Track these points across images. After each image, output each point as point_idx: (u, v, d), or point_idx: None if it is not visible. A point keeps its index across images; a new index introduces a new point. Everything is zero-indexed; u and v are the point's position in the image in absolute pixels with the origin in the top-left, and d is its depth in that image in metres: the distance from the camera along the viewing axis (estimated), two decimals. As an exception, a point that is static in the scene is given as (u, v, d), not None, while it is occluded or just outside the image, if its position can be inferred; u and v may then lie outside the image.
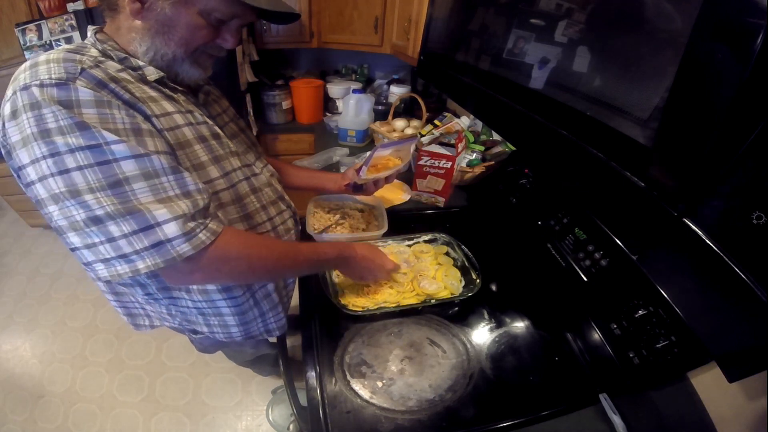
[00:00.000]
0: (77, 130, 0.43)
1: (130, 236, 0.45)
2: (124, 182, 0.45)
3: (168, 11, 0.51)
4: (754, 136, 0.28)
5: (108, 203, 0.44)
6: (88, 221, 0.44)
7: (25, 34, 1.65)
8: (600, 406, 0.63)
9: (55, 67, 0.44)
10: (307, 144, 2.08)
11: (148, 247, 0.46)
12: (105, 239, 0.45)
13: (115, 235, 0.45)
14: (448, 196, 1.17)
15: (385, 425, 0.60)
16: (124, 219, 0.45)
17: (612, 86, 0.42)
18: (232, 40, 0.58)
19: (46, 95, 0.43)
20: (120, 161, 0.45)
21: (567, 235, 0.79)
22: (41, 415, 1.40)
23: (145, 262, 0.46)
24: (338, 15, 1.82)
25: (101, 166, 0.44)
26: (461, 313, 0.81)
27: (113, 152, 0.44)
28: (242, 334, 0.77)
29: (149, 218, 0.46)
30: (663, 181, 0.36)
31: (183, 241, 0.47)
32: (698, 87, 0.31)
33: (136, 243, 0.46)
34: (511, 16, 0.61)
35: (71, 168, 0.43)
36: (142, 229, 0.45)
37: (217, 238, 0.51)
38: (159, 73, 0.55)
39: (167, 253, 0.47)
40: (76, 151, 0.43)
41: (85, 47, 0.51)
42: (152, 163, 0.47)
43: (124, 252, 0.46)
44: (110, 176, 0.44)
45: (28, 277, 2.04)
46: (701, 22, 0.30)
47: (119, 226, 0.45)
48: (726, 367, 0.36)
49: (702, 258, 0.34)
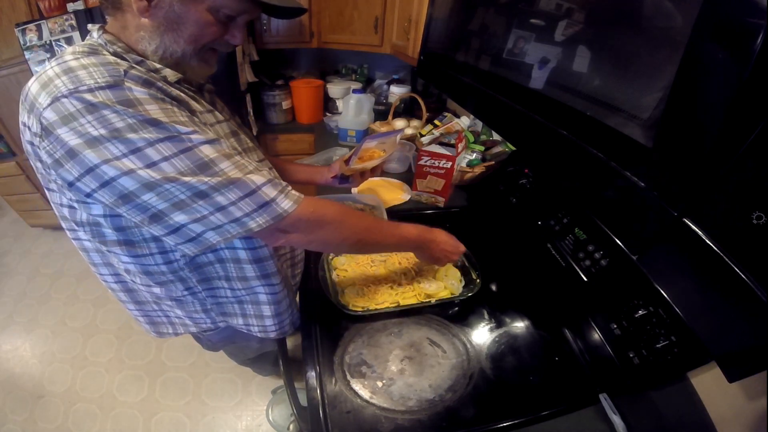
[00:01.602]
0: (150, 126, 0.45)
1: (238, 202, 0.49)
2: (211, 163, 0.48)
3: (177, 8, 0.51)
4: (754, 136, 0.28)
5: (208, 180, 0.48)
6: (194, 197, 0.47)
7: (25, 34, 1.65)
8: (600, 406, 0.63)
9: (96, 72, 0.45)
10: (307, 144, 2.08)
11: (257, 209, 0.51)
12: (215, 209, 0.49)
13: (224, 203, 0.49)
14: (448, 196, 1.17)
15: (385, 425, 0.60)
16: (228, 189, 0.49)
17: (612, 86, 0.42)
18: (239, 36, 0.58)
19: (103, 98, 0.43)
20: (199, 146, 0.48)
21: (567, 235, 0.79)
22: (41, 415, 1.40)
23: (257, 222, 0.51)
24: (338, 15, 1.82)
25: (185, 153, 0.47)
26: (461, 313, 0.81)
27: (191, 140, 0.47)
28: (276, 328, 0.78)
29: (250, 184, 0.50)
30: (663, 181, 0.36)
31: (283, 198, 0.53)
32: (698, 87, 0.31)
33: (246, 207, 0.50)
34: (511, 16, 0.61)
35: (158, 160, 0.45)
36: (247, 195, 0.50)
37: (314, 202, 0.57)
38: (176, 75, 0.55)
39: (274, 211, 0.52)
40: (156, 144, 0.45)
41: (98, 50, 0.50)
42: (223, 146, 0.51)
43: (236, 216, 0.50)
44: (197, 160, 0.47)
45: (28, 277, 2.04)
46: (701, 22, 0.30)
47: (225, 196, 0.49)
48: (726, 367, 0.36)
49: (702, 258, 0.34)
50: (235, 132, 0.67)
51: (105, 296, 1.85)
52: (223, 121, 0.64)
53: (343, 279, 0.84)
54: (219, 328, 0.80)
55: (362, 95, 1.65)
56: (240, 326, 0.78)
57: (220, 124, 0.62)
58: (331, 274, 0.85)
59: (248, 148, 0.70)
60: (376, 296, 0.80)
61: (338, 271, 0.87)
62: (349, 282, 0.83)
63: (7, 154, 2.01)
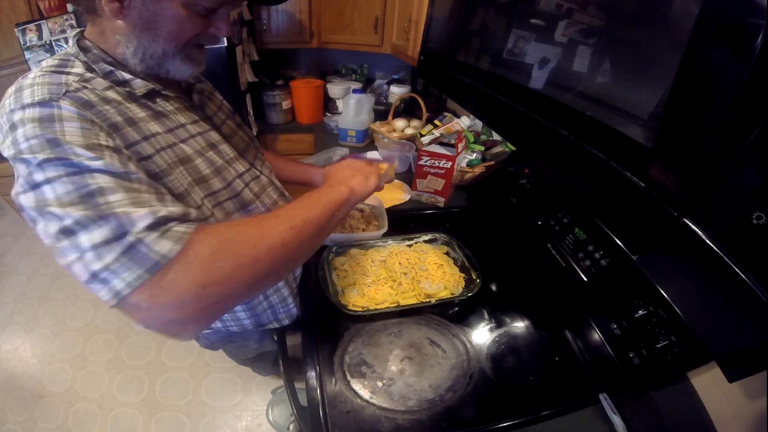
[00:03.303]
0: (48, 146, 0.40)
1: (101, 247, 0.37)
2: (97, 193, 0.39)
3: (150, 6, 0.48)
4: (754, 136, 0.28)
5: (77, 212, 0.38)
6: (59, 234, 0.38)
7: (25, 34, 1.65)
8: (600, 406, 0.63)
9: (38, 90, 0.43)
10: (307, 144, 2.07)
11: (119, 256, 0.37)
12: (79, 253, 0.38)
13: (85, 246, 0.38)
14: (448, 196, 1.17)
15: (385, 425, 0.60)
16: (95, 226, 0.38)
17: (612, 86, 0.42)
18: (225, 28, 0.55)
19: (27, 116, 0.41)
20: (94, 173, 0.40)
21: (567, 235, 0.79)
22: (41, 415, 1.40)
23: (123, 279, 0.37)
24: (338, 15, 1.82)
25: (72, 177, 0.39)
26: (461, 313, 0.81)
27: (87, 166, 0.40)
28: (253, 324, 0.78)
29: (123, 221, 0.38)
30: (663, 181, 0.36)
31: (158, 239, 0.39)
32: (698, 87, 0.31)
33: (108, 255, 0.37)
34: (511, 16, 0.61)
35: (41, 181, 0.39)
36: (114, 238, 0.38)
37: (192, 235, 0.41)
38: (147, 86, 0.53)
39: (144, 258, 0.38)
40: (44, 164, 0.39)
41: (70, 61, 0.50)
42: (132, 179, 0.42)
43: (93, 269, 0.38)
44: (82, 187, 0.39)
45: (28, 277, 2.04)
46: (701, 22, 0.30)
47: (90, 235, 0.38)
48: (726, 367, 0.36)
49: (702, 258, 0.34)
50: (214, 145, 0.61)
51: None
52: (206, 131, 0.60)
53: (343, 279, 0.84)
54: (212, 329, 0.80)
55: (362, 95, 1.65)
56: (218, 327, 0.78)
57: (195, 137, 0.58)
58: (331, 274, 0.85)
59: (231, 158, 0.64)
60: (376, 296, 0.80)
61: (338, 271, 0.87)
62: (349, 282, 0.83)
63: (7, 154, 2.01)
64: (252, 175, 0.68)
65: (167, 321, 0.40)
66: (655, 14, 0.37)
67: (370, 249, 0.94)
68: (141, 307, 0.38)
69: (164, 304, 0.39)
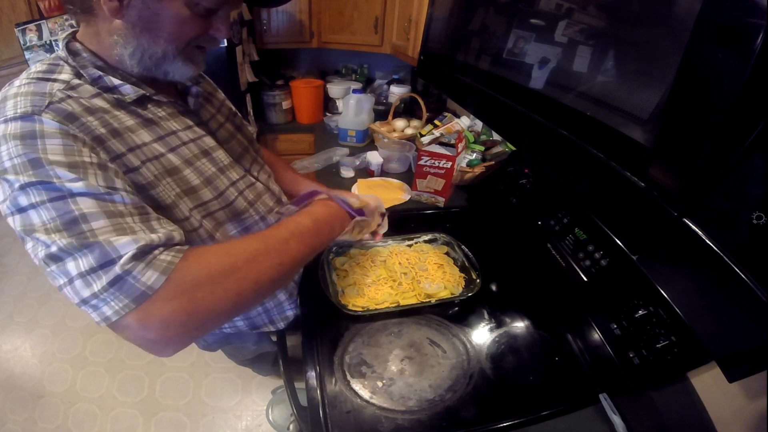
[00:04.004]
0: (30, 167, 0.40)
1: (88, 275, 0.38)
2: (81, 219, 0.39)
3: (151, 6, 0.47)
4: (754, 136, 0.28)
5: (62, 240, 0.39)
6: (47, 259, 0.39)
7: (25, 34, 1.65)
8: (600, 406, 0.63)
9: (21, 101, 0.43)
10: (307, 144, 2.08)
11: (107, 286, 0.38)
12: (67, 280, 0.39)
13: (73, 274, 0.39)
14: (448, 196, 1.17)
15: (385, 425, 0.60)
16: (81, 254, 0.39)
17: (612, 86, 0.42)
18: (224, 29, 0.54)
19: (9, 131, 0.41)
20: (77, 197, 0.40)
21: (567, 235, 0.79)
22: (41, 415, 1.40)
23: (112, 307, 0.39)
24: (338, 15, 1.82)
25: (54, 203, 0.39)
26: (461, 313, 0.81)
27: (69, 189, 0.40)
28: (248, 326, 0.79)
29: (108, 250, 0.39)
30: (663, 181, 0.36)
31: (144, 269, 0.39)
32: (699, 87, 0.31)
33: (95, 282, 0.38)
34: (511, 16, 0.61)
35: (26, 206, 0.39)
36: (101, 265, 0.38)
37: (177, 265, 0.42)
38: (137, 92, 0.52)
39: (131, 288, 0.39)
40: (28, 188, 0.39)
41: (58, 66, 0.49)
42: (116, 200, 0.42)
43: (83, 296, 0.39)
44: (65, 213, 0.39)
45: (28, 277, 2.04)
46: (702, 22, 0.30)
47: (77, 262, 0.39)
48: (726, 368, 0.36)
49: (702, 258, 0.34)
50: (207, 152, 0.60)
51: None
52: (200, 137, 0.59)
53: (343, 279, 0.84)
54: None
55: (362, 95, 1.65)
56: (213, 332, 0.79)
57: (187, 145, 0.56)
58: (331, 274, 0.85)
59: (225, 165, 0.62)
60: (376, 296, 0.80)
61: (338, 272, 0.87)
62: (349, 282, 0.83)
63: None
64: (247, 183, 0.66)
65: (152, 341, 0.43)
66: (655, 14, 0.37)
67: (370, 249, 0.94)
68: (128, 329, 0.41)
69: (150, 327, 0.41)
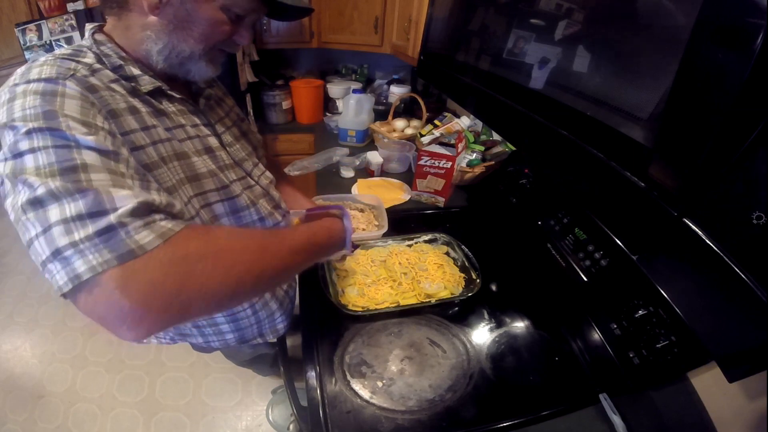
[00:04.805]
0: (42, 118, 0.38)
1: (72, 222, 0.34)
2: (81, 168, 0.37)
3: (188, 6, 0.49)
4: (754, 136, 0.28)
5: (54, 183, 0.35)
6: (27, 205, 0.35)
7: (25, 34, 1.65)
8: (600, 406, 0.63)
9: (47, 69, 0.43)
10: (307, 144, 2.08)
11: (93, 235, 0.34)
12: (42, 229, 0.34)
13: (53, 221, 0.34)
14: (448, 196, 1.17)
15: (385, 425, 0.60)
16: (71, 199, 0.35)
17: (612, 86, 0.42)
18: (247, 36, 0.57)
19: (30, 89, 0.41)
20: (82, 148, 0.38)
21: (567, 235, 0.79)
22: (41, 415, 1.40)
23: (87, 259, 0.33)
24: (338, 15, 1.82)
25: (57, 149, 0.37)
26: (461, 313, 0.81)
27: (76, 139, 0.38)
28: (236, 340, 0.76)
29: (104, 199, 0.35)
30: (663, 181, 0.36)
31: (142, 229, 0.35)
32: (698, 87, 0.31)
33: (78, 230, 0.34)
34: (511, 16, 0.61)
35: (24, 150, 0.37)
36: (90, 214, 0.34)
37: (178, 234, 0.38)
38: (154, 83, 0.53)
39: (120, 244, 0.34)
40: (33, 133, 0.37)
41: (82, 51, 0.49)
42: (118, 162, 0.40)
43: (57, 245, 0.34)
44: (66, 161, 0.36)
45: (28, 277, 2.04)
46: (701, 22, 0.30)
47: (62, 208, 0.34)
48: (726, 368, 0.36)
49: (702, 258, 0.34)
50: (211, 149, 0.60)
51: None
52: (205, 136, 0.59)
53: (343, 279, 0.84)
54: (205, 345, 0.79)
55: (362, 95, 1.65)
56: (200, 343, 0.76)
57: (192, 139, 0.57)
58: (331, 274, 0.85)
59: (226, 165, 0.62)
60: (376, 296, 0.80)
61: (338, 272, 0.87)
62: (349, 282, 0.83)
63: (7, 154, 2.02)
64: (246, 184, 0.66)
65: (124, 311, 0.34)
66: (655, 14, 0.37)
67: (370, 249, 0.94)
68: (97, 290, 0.34)
69: (131, 289, 0.34)
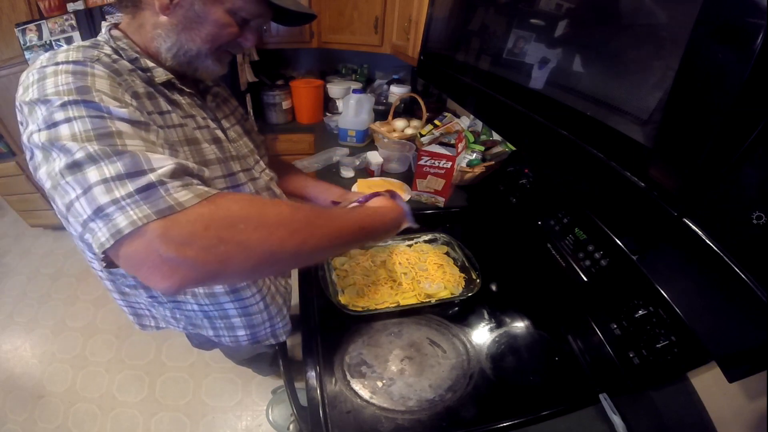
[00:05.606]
0: (75, 92, 0.40)
1: (112, 181, 0.35)
2: (116, 135, 0.38)
3: (197, 8, 0.52)
4: (754, 136, 0.28)
5: (92, 147, 0.37)
6: (66, 170, 0.36)
7: (25, 34, 1.65)
8: (600, 406, 0.63)
9: (74, 54, 0.45)
10: (307, 144, 2.07)
11: (134, 193, 0.35)
12: (82, 190, 0.36)
13: (92, 181, 0.35)
14: (448, 196, 1.17)
15: (385, 425, 0.60)
16: (110, 161, 0.36)
17: (612, 86, 0.42)
18: (252, 39, 0.59)
19: (61, 69, 0.42)
20: (115, 119, 0.40)
21: (567, 235, 0.79)
22: (41, 415, 1.40)
23: (128, 214, 0.34)
24: (338, 15, 1.82)
25: (92, 118, 0.39)
26: (461, 313, 0.81)
27: (110, 110, 0.40)
28: (249, 339, 0.76)
29: (142, 161, 0.37)
30: (663, 181, 0.36)
31: (180, 188, 0.37)
32: (698, 87, 0.31)
33: (119, 189, 0.35)
34: (511, 16, 0.61)
35: (60, 120, 0.38)
36: (130, 174, 0.36)
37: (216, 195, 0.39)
38: (168, 75, 0.55)
39: (159, 200, 0.35)
40: (69, 105, 0.39)
41: (99, 44, 0.52)
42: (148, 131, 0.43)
43: (99, 203, 0.35)
44: (101, 128, 0.38)
45: (28, 277, 2.04)
46: (701, 22, 0.30)
47: (102, 170, 0.36)
48: (726, 368, 0.36)
49: (702, 258, 0.34)
50: (218, 139, 0.61)
51: (105, 296, 1.85)
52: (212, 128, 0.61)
53: (343, 279, 0.84)
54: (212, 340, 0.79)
55: (362, 95, 1.65)
56: (210, 336, 0.77)
57: (201, 129, 0.59)
58: (331, 274, 0.85)
59: (229, 156, 0.63)
60: (376, 296, 0.80)
61: (338, 272, 0.87)
62: (349, 282, 0.83)
63: (7, 154, 2.01)
64: (250, 176, 0.68)
65: (162, 260, 0.35)
66: (655, 14, 0.37)
67: (370, 249, 0.94)
68: (140, 241, 0.35)
69: (172, 238, 0.35)
